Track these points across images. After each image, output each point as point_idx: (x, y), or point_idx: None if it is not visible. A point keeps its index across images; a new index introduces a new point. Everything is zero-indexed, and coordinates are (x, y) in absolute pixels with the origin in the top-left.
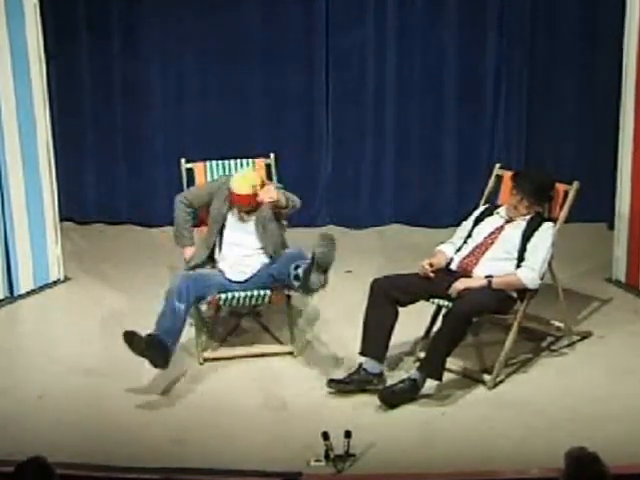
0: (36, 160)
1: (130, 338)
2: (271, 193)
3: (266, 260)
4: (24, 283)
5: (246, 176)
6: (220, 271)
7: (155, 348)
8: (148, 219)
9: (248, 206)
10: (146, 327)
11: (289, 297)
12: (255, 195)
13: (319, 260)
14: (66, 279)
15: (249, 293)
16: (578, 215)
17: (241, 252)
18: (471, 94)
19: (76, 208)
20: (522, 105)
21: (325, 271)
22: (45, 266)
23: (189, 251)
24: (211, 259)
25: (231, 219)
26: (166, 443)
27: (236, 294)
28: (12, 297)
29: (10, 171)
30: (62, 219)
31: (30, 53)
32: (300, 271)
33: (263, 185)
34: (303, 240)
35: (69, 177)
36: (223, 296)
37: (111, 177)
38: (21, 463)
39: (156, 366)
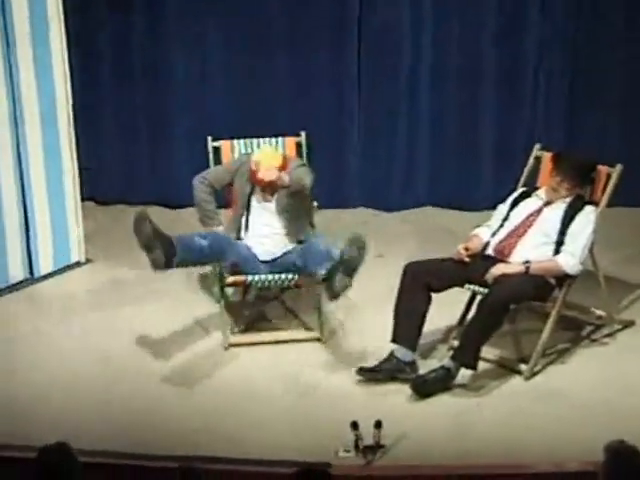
0: (57, 138)
1: (140, 222)
2: (269, 173)
3: (292, 244)
4: (44, 265)
5: (267, 154)
6: (248, 248)
7: (162, 243)
8: (173, 199)
9: (268, 186)
10: (169, 310)
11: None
12: (280, 172)
13: (347, 263)
14: (87, 261)
15: (277, 276)
16: (621, 199)
17: (268, 231)
18: (510, 74)
19: (98, 188)
20: (563, 87)
21: (351, 275)
22: (66, 247)
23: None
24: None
25: (255, 198)
26: (189, 430)
27: (263, 276)
28: (32, 279)
29: (30, 150)
30: (83, 199)
31: (51, 28)
32: (324, 271)
33: (285, 163)
34: (334, 221)
35: (91, 156)
36: (250, 277)
37: (134, 155)
38: (44, 448)
39: (154, 264)
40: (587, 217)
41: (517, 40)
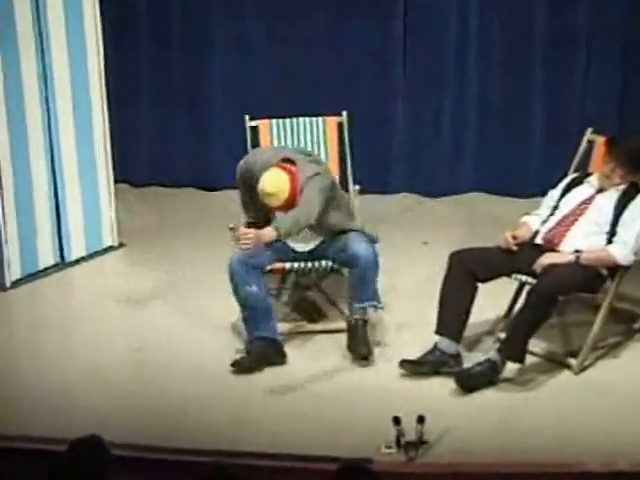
0: (89, 118)
1: (242, 366)
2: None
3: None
4: (76, 249)
5: (272, 187)
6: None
7: (264, 352)
8: (209, 182)
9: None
10: (206, 297)
11: None
12: (290, 202)
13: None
14: (120, 245)
15: (316, 264)
16: None
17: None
18: (561, 51)
19: (132, 169)
20: (617, 65)
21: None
22: (98, 231)
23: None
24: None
25: None
26: (224, 424)
27: (302, 264)
28: (63, 264)
29: (61, 130)
30: (116, 181)
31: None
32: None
33: (293, 186)
34: (376, 207)
35: (125, 135)
36: (288, 265)
37: (169, 136)
38: (75, 441)
39: (280, 364)
40: None
41: (568, 15)
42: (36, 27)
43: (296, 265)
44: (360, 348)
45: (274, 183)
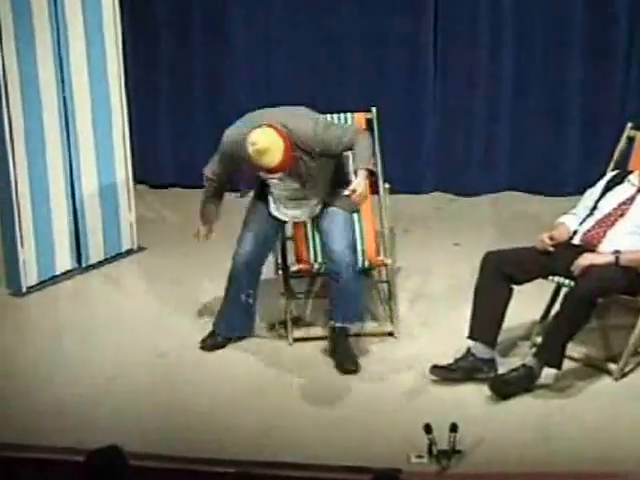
0: (108, 116)
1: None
2: (273, 175)
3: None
4: (94, 253)
5: (257, 156)
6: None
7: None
8: (233, 183)
9: (283, 173)
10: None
11: (386, 267)
12: (286, 162)
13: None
14: (140, 249)
15: None
16: None
17: (295, 203)
18: (600, 43)
19: (152, 170)
20: None
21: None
22: (117, 234)
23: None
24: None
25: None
26: (251, 433)
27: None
28: (80, 268)
29: (79, 129)
30: (136, 182)
31: None
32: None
33: (286, 143)
34: (406, 207)
35: (144, 135)
36: (317, 265)
37: (191, 135)
38: (93, 452)
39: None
40: None
41: (609, 7)
42: (54, 27)
43: (324, 265)
44: (346, 363)
45: (266, 138)
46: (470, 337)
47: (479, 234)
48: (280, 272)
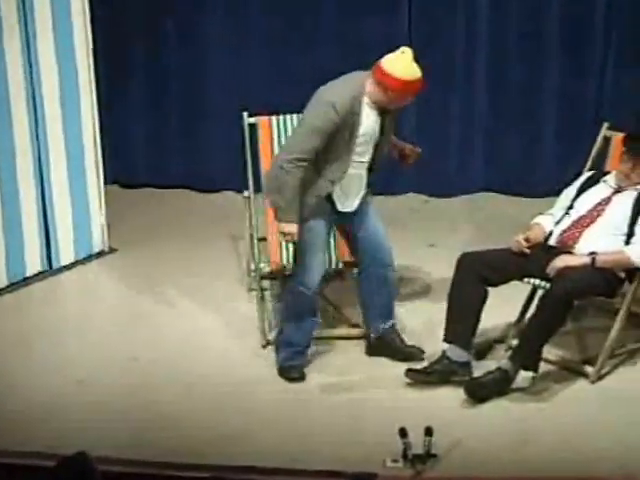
0: (78, 115)
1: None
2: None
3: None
4: (64, 255)
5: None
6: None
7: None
8: (205, 182)
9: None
10: (200, 304)
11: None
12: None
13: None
14: (111, 250)
15: None
16: None
17: (357, 186)
18: (576, 41)
19: (123, 170)
20: (636, 52)
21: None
22: (88, 236)
23: (293, 228)
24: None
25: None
26: (222, 437)
27: None
28: (51, 270)
29: (48, 128)
30: (107, 182)
31: None
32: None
33: None
34: (381, 207)
35: (115, 135)
36: (289, 266)
37: (163, 134)
38: (60, 459)
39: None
40: None
41: (585, 5)
42: (23, 31)
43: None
44: (416, 353)
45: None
46: (445, 340)
47: (454, 235)
48: (252, 274)
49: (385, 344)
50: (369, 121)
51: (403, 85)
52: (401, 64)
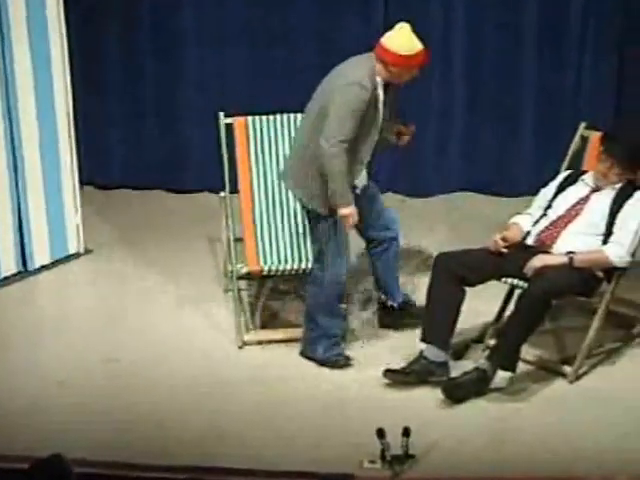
0: (53, 116)
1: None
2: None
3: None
4: (39, 256)
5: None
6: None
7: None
8: (181, 184)
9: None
10: (177, 305)
11: None
12: None
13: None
14: (87, 252)
15: (296, 265)
16: None
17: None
18: (553, 39)
19: (98, 171)
20: (613, 52)
21: None
22: (63, 237)
23: (351, 209)
24: None
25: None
26: (201, 438)
27: (281, 266)
28: (26, 272)
29: (23, 128)
30: (82, 183)
31: None
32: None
33: None
34: None
35: (91, 135)
36: (266, 267)
37: (139, 135)
38: (35, 461)
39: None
40: (637, 203)
41: (561, 4)
42: None
43: (274, 267)
44: None
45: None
46: (423, 340)
47: (431, 235)
48: (229, 275)
49: (407, 311)
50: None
51: (404, 60)
52: (400, 39)
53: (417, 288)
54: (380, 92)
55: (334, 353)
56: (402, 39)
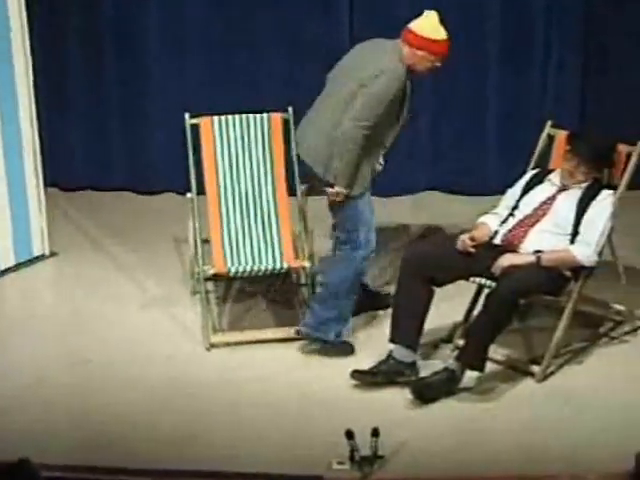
0: (16, 117)
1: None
2: None
3: None
4: (3, 259)
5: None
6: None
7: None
8: (147, 185)
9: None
10: (143, 307)
11: (305, 270)
12: None
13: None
14: (52, 254)
15: (262, 266)
16: None
17: None
18: (517, 39)
19: (63, 173)
20: (578, 51)
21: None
22: (27, 240)
23: (343, 190)
24: None
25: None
26: (171, 441)
27: (248, 267)
28: None
29: None
30: (47, 185)
31: None
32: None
33: None
34: (324, 207)
35: (55, 136)
36: (233, 268)
37: (104, 136)
38: (1, 466)
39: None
40: (603, 202)
41: (525, 3)
42: None
43: (241, 268)
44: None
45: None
46: (391, 340)
47: (399, 235)
48: (196, 276)
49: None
50: None
51: (428, 43)
52: (427, 24)
53: (384, 290)
54: (409, 81)
55: (343, 340)
56: (428, 23)
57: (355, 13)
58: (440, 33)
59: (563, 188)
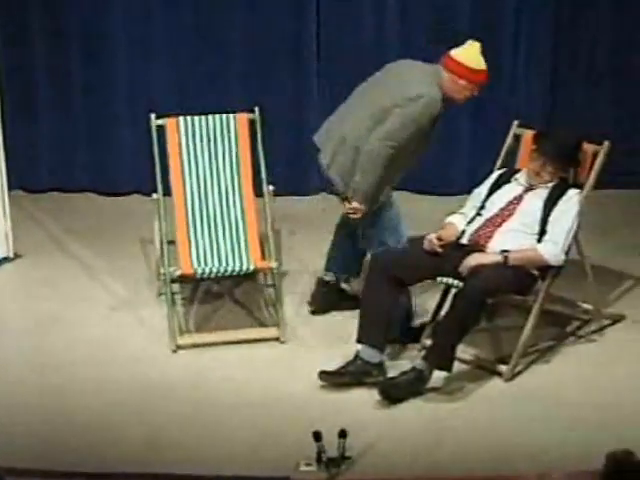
0: None
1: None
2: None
3: None
4: None
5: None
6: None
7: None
8: (112, 186)
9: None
10: (109, 309)
11: (272, 270)
12: None
13: None
14: (16, 256)
15: (229, 267)
16: (610, 180)
17: None
18: (485, 38)
19: (27, 175)
20: (546, 50)
21: None
22: None
23: (362, 206)
24: None
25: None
26: (137, 444)
27: (215, 268)
28: None
29: None
30: (11, 188)
31: None
32: None
33: None
34: (291, 208)
35: (19, 138)
36: (200, 270)
37: (68, 138)
38: None
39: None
40: (570, 201)
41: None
42: None
43: (207, 269)
44: None
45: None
46: (358, 341)
47: None
48: (162, 278)
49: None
50: None
51: (471, 74)
52: (469, 53)
53: (352, 289)
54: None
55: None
56: (472, 53)
57: (322, 13)
58: (481, 63)
59: (530, 188)
